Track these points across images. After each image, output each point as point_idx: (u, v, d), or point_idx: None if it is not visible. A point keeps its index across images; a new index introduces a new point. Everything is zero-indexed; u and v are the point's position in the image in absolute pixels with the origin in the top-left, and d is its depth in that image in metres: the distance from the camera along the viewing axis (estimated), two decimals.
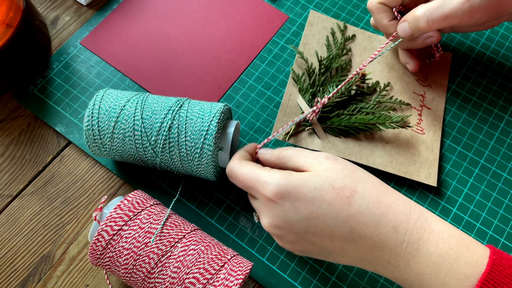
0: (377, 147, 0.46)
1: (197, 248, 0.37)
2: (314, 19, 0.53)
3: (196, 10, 0.54)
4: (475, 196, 0.45)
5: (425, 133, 0.47)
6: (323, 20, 0.53)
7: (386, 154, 0.46)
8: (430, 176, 0.45)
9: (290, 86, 0.49)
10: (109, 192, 0.46)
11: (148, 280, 0.36)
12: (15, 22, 0.46)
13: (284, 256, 0.42)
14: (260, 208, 0.35)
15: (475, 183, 0.45)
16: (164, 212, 0.39)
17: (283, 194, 0.33)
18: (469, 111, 0.49)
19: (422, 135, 0.47)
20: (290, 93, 0.48)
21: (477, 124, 0.48)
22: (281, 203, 0.33)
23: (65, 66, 0.51)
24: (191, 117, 0.40)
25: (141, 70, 0.51)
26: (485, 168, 0.46)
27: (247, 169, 0.36)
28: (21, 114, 0.49)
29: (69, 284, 0.42)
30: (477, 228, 0.43)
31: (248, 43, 0.52)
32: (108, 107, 0.41)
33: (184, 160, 0.40)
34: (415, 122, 0.47)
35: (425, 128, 0.47)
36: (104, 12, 0.54)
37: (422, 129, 0.47)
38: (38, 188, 0.46)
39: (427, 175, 0.45)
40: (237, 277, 0.35)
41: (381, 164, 0.45)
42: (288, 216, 0.33)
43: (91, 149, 0.42)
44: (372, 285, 0.41)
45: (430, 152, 0.46)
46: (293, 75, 0.49)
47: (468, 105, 0.49)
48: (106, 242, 0.36)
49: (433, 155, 0.46)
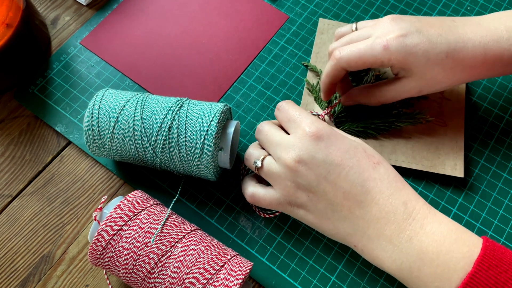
0: (398, 145, 0.45)
1: (197, 248, 0.37)
2: (323, 26, 0.52)
3: (196, 10, 0.54)
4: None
5: (447, 125, 0.46)
6: (333, 26, 0.52)
7: (409, 150, 0.45)
8: (456, 168, 0.44)
9: (306, 96, 0.49)
10: (109, 192, 0.46)
11: (148, 280, 0.36)
12: (15, 22, 0.46)
13: (284, 256, 0.42)
14: (291, 141, 0.36)
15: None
16: (164, 212, 0.39)
17: (323, 135, 0.35)
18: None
19: (444, 127, 0.46)
20: (306, 103, 0.48)
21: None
22: (317, 142, 0.35)
23: (65, 66, 0.51)
24: (191, 117, 0.40)
25: (141, 70, 0.51)
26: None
27: (300, 108, 0.38)
28: (21, 114, 0.49)
29: (69, 284, 0.42)
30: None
31: (248, 43, 0.52)
32: (108, 107, 0.41)
33: (184, 160, 0.40)
34: (436, 115, 0.46)
35: (447, 119, 0.46)
36: (104, 12, 0.54)
37: (444, 121, 0.46)
38: (38, 188, 0.46)
39: (452, 166, 0.44)
40: (237, 277, 0.35)
41: (404, 161, 0.44)
42: (318, 154, 0.35)
43: (91, 149, 0.42)
44: (372, 285, 0.41)
45: (454, 143, 0.45)
46: (307, 86, 0.49)
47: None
48: (106, 242, 0.36)
49: (457, 145, 0.45)
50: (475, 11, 0.54)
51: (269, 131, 0.38)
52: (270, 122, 0.40)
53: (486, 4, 0.54)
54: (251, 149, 0.40)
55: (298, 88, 0.50)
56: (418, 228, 0.33)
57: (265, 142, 0.39)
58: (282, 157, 0.36)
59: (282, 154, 0.36)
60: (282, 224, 0.44)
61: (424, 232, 0.33)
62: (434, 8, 0.54)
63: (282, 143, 0.37)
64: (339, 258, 0.42)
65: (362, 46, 0.39)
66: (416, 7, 0.54)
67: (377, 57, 0.38)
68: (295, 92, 0.50)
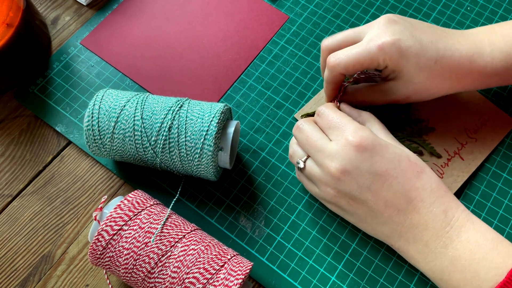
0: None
1: (197, 248, 0.37)
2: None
3: (196, 10, 0.54)
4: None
5: (443, 178, 0.44)
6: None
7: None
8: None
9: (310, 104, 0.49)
10: (109, 192, 0.46)
11: (148, 280, 0.36)
12: (15, 22, 0.46)
13: (284, 256, 0.42)
14: (333, 150, 0.36)
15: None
16: (164, 212, 0.39)
17: (367, 145, 0.35)
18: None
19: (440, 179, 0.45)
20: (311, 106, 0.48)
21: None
22: (361, 152, 0.35)
23: (65, 66, 0.51)
24: (191, 117, 0.40)
25: (141, 70, 0.51)
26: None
27: (341, 113, 0.38)
28: (21, 114, 0.49)
29: (69, 284, 0.42)
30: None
31: (248, 43, 0.52)
32: (108, 107, 0.41)
33: (184, 160, 0.40)
34: (440, 164, 0.45)
35: (446, 173, 0.44)
36: (104, 12, 0.54)
37: (443, 173, 0.44)
38: (38, 188, 0.46)
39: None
40: (237, 277, 0.35)
41: None
42: (362, 165, 0.35)
43: (91, 149, 0.42)
44: (372, 285, 0.41)
45: (453, 180, 0.44)
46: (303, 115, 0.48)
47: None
48: (106, 242, 0.36)
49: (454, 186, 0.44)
50: (475, 11, 0.54)
51: (310, 134, 0.38)
52: (310, 121, 0.40)
53: (486, 4, 0.54)
54: (295, 146, 0.40)
55: (298, 88, 0.50)
56: (455, 236, 0.34)
57: (305, 144, 0.38)
58: (324, 164, 0.36)
59: (324, 161, 0.36)
60: (282, 224, 0.44)
61: (459, 240, 0.34)
62: (434, 8, 0.54)
63: (324, 150, 0.36)
64: (339, 258, 0.42)
65: (358, 49, 0.39)
66: (416, 7, 0.54)
67: (373, 58, 0.38)
68: (295, 92, 0.50)
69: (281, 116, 0.49)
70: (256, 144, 0.47)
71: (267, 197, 0.45)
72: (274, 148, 0.47)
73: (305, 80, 0.50)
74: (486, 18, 0.53)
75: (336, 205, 0.38)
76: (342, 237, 0.43)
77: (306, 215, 0.44)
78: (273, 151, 0.47)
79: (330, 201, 0.38)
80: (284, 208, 0.44)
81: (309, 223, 0.44)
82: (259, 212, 0.44)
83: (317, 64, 0.51)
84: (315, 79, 0.50)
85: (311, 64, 0.51)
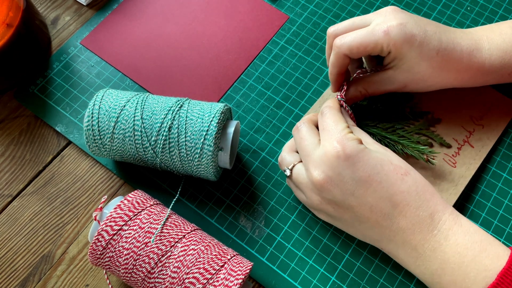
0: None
1: (197, 248, 0.37)
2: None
3: (196, 10, 0.54)
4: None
5: (456, 167, 0.44)
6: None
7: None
8: (446, 199, 0.42)
9: (329, 91, 0.49)
10: (109, 192, 0.46)
11: (148, 280, 0.36)
12: (15, 22, 0.46)
13: (284, 256, 0.42)
14: (318, 156, 0.36)
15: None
16: (164, 212, 0.39)
17: (350, 152, 0.35)
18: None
19: (453, 168, 0.44)
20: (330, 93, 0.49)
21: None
22: (343, 160, 0.35)
23: (65, 66, 0.51)
24: (191, 117, 0.40)
25: (141, 70, 0.51)
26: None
27: (337, 118, 0.38)
28: (21, 114, 0.49)
29: (69, 284, 0.42)
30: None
31: (248, 43, 0.52)
32: (108, 107, 0.41)
33: (184, 160, 0.40)
34: (451, 154, 0.45)
35: (459, 162, 0.44)
36: (104, 12, 0.54)
37: (455, 162, 0.44)
38: (38, 188, 0.46)
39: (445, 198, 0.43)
40: (237, 277, 0.35)
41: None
42: (344, 172, 0.35)
43: (91, 149, 0.42)
44: (372, 285, 0.41)
45: (453, 186, 0.43)
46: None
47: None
48: (106, 242, 0.36)
49: (454, 189, 0.43)
50: (475, 11, 0.54)
51: (304, 136, 0.38)
52: (310, 123, 0.40)
53: (486, 4, 0.54)
54: (284, 153, 0.41)
55: (298, 88, 0.50)
56: (443, 240, 0.34)
57: (298, 146, 0.39)
58: (309, 170, 0.37)
59: (309, 168, 0.37)
60: (282, 224, 0.44)
61: (447, 243, 0.34)
62: (434, 8, 0.54)
63: (311, 156, 0.37)
64: (339, 258, 0.42)
65: (363, 32, 0.39)
66: (416, 7, 0.54)
67: (378, 42, 0.39)
68: (295, 92, 0.50)
69: (281, 116, 0.49)
70: (256, 144, 0.47)
71: (267, 197, 0.45)
72: (274, 148, 0.47)
73: (305, 80, 0.50)
74: (486, 18, 0.53)
75: (323, 212, 0.39)
76: (342, 237, 0.43)
77: (306, 215, 0.44)
78: (273, 151, 0.47)
79: (316, 208, 0.39)
80: (284, 208, 0.44)
81: (309, 223, 0.44)
82: (259, 212, 0.44)
83: (317, 64, 0.51)
84: (315, 79, 0.50)
85: (311, 64, 0.51)
